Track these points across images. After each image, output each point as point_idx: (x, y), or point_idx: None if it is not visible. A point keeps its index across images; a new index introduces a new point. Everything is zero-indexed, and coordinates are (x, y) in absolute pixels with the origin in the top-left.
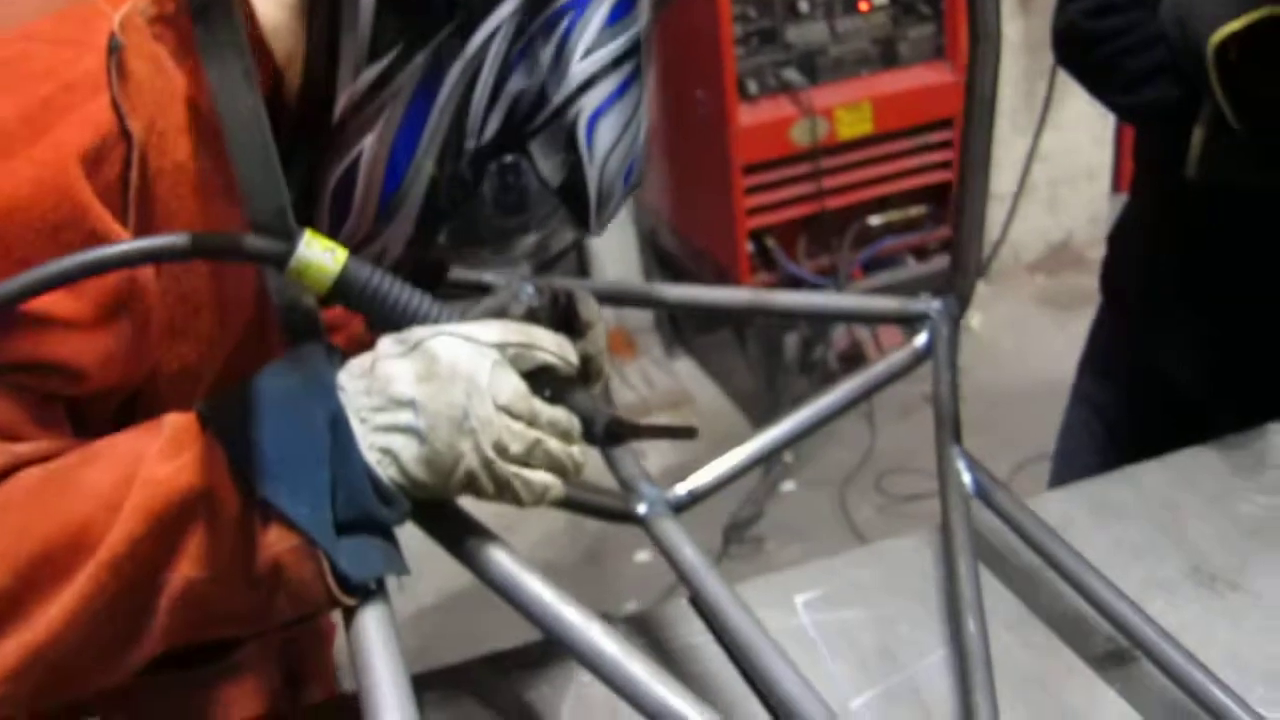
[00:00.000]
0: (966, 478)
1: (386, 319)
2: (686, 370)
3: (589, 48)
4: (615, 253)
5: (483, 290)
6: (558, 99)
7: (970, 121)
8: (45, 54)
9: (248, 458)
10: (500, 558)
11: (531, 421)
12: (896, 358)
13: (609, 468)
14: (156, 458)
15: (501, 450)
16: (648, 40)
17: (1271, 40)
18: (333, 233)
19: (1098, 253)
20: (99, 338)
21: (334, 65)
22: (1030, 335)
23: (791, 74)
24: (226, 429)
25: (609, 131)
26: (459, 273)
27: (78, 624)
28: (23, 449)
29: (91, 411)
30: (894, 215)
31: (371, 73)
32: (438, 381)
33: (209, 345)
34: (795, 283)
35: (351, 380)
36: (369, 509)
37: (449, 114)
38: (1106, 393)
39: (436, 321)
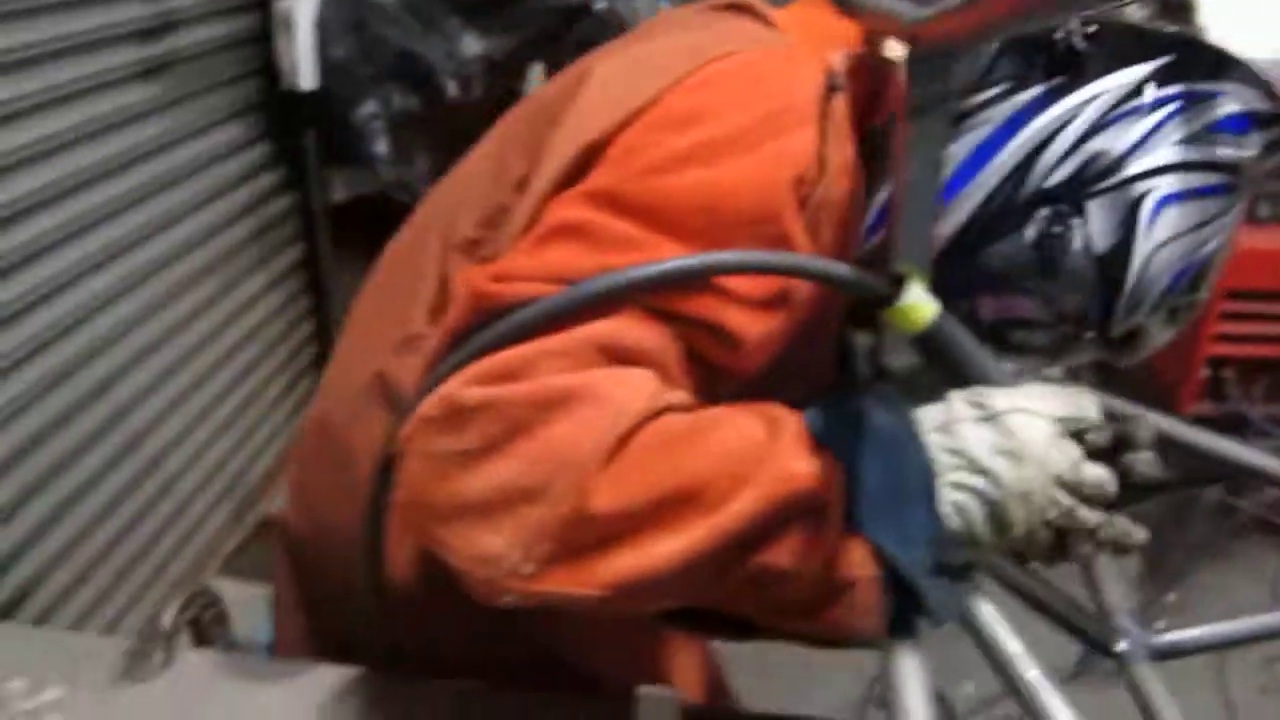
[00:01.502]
0: None
1: (959, 373)
2: None
3: (1186, 138)
4: None
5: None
6: (1134, 169)
7: None
8: (769, 76)
9: (857, 486)
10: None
11: (1075, 490)
12: None
13: (1090, 589)
14: (788, 453)
15: (1046, 519)
16: (1254, 176)
17: None
18: (869, 235)
19: None
20: (762, 319)
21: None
22: None
23: None
24: (840, 450)
25: (1172, 221)
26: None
27: (675, 568)
28: (673, 396)
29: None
30: None
31: (974, 100)
32: (1014, 458)
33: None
34: (1241, 421)
35: (930, 434)
36: (944, 555)
37: (1025, 150)
38: None
39: (1002, 385)
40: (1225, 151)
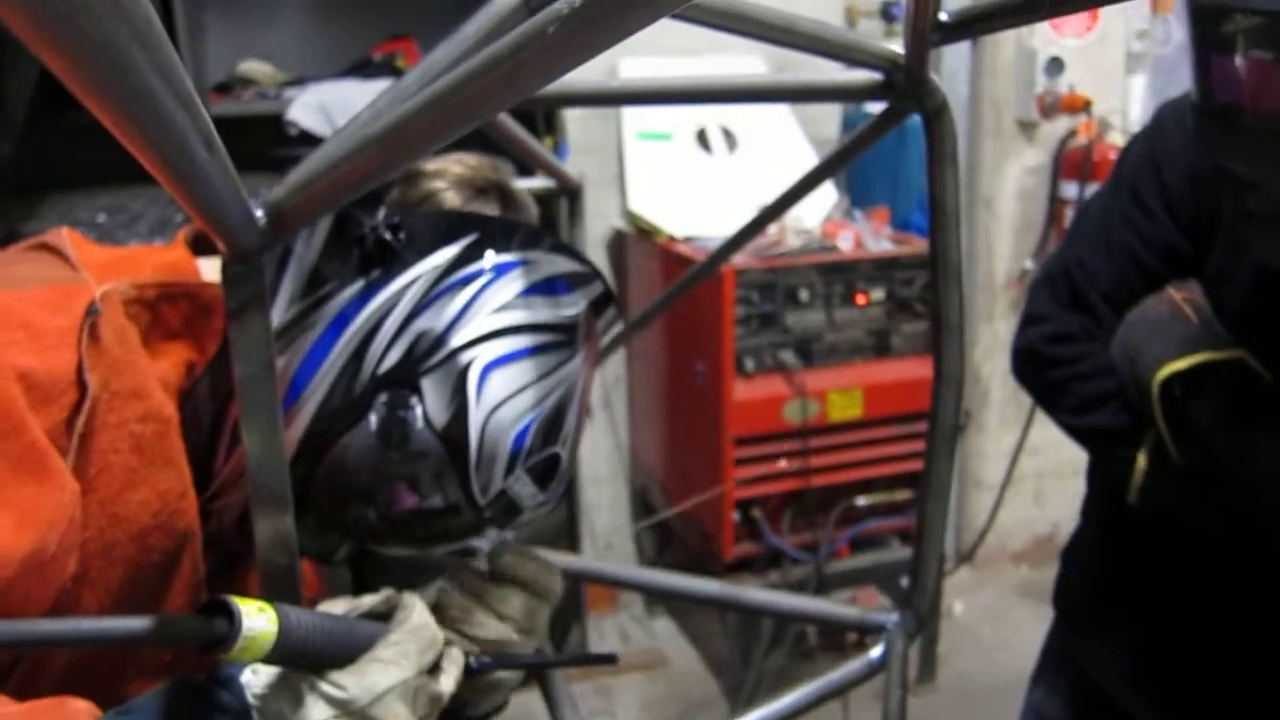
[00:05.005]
0: None
1: (319, 667)
2: (665, 630)
3: (501, 306)
4: (607, 509)
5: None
6: (456, 342)
7: (932, 452)
8: (25, 311)
9: None
10: None
11: None
12: (852, 667)
13: None
14: None
15: None
16: (585, 326)
17: (1212, 380)
18: (227, 457)
19: None
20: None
21: (271, 300)
22: (1011, 626)
23: (788, 356)
24: None
25: (501, 385)
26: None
27: None
28: None
29: None
30: (879, 497)
31: (303, 305)
32: None
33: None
34: (777, 555)
35: None
36: None
37: (355, 342)
38: (1054, 707)
39: (364, 653)
40: (545, 313)
